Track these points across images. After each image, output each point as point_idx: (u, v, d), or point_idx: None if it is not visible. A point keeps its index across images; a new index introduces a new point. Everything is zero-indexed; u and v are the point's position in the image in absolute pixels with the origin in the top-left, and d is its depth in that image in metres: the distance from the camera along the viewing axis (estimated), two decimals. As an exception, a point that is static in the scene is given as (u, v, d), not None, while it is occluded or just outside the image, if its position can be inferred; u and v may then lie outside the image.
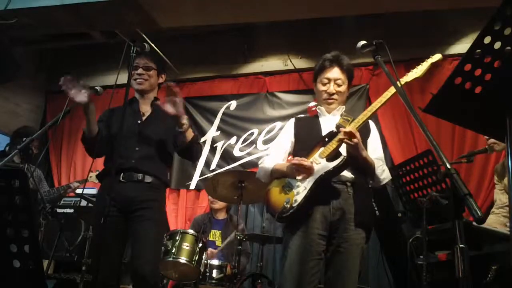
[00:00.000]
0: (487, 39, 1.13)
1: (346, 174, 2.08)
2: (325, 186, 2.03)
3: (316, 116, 2.33)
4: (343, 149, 2.08)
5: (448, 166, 1.14)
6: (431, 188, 2.41)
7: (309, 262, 1.99)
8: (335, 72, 2.24)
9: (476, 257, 2.04)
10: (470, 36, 4.35)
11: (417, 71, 2.09)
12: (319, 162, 2.05)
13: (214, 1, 3.97)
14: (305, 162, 2.04)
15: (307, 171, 2.04)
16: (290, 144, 2.31)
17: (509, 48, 1.13)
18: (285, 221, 2.11)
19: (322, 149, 2.08)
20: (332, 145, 2.05)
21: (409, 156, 2.75)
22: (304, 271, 1.98)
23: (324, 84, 2.25)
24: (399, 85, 1.66)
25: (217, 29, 5.18)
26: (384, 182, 2.18)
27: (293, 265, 2.00)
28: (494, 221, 2.70)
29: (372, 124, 2.30)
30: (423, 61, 2.15)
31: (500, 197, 2.83)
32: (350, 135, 1.98)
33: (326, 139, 2.09)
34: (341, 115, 2.22)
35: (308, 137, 2.23)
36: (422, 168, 2.47)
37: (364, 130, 2.16)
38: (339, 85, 2.24)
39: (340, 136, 2.01)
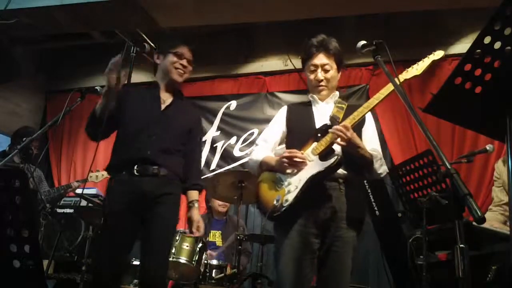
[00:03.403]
0: (487, 39, 1.13)
1: (339, 171, 2.01)
2: (316, 184, 1.97)
3: (309, 104, 2.25)
4: (337, 146, 2.00)
5: (448, 166, 1.15)
6: (431, 188, 2.41)
7: (304, 261, 1.97)
8: (321, 58, 2.14)
9: (476, 257, 2.05)
10: (470, 36, 4.35)
11: (418, 68, 2.00)
12: (312, 160, 1.99)
13: (214, 1, 3.97)
14: (298, 154, 1.98)
15: (299, 164, 1.99)
16: (280, 134, 2.24)
17: (509, 48, 1.13)
18: (275, 220, 2.07)
19: (315, 144, 2.02)
20: (325, 141, 1.98)
21: (409, 156, 2.74)
22: (300, 269, 1.95)
23: (312, 72, 2.17)
24: (399, 85, 1.66)
25: (217, 29, 5.18)
26: (382, 175, 2.12)
27: (288, 263, 1.97)
28: (492, 219, 2.70)
29: (367, 114, 2.18)
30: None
31: (498, 194, 2.84)
32: (343, 132, 1.91)
33: (319, 134, 2.02)
34: (335, 102, 2.17)
35: (300, 129, 2.16)
36: (422, 168, 2.47)
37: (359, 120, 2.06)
38: (327, 71, 2.15)
39: (332, 133, 1.94)
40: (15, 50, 4.77)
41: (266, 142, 2.25)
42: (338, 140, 1.92)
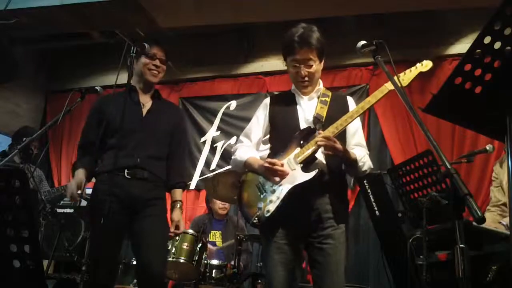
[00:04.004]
0: (487, 39, 1.13)
1: (321, 176, 2.00)
2: (300, 190, 1.97)
3: (293, 98, 2.20)
4: (319, 153, 2.01)
5: (448, 166, 1.14)
6: (431, 188, 2.41)
7: (291, 262, 1.98)
8: (303, 53, 2.08)
9: (476, 257, 2.04)
10: (470, 36, 4.34)
11: (404, 79, 1.95)
12: (294, 168, 1.99)
13: (214, 1, 3.98)
14: (277, 167, 1.97)
15: (280, 175, 1.98)
16: (264, 130, 2.22)
17: (509, 48, 1.13)
18: (257, 227, 2.09)
19: (298, 150, 2.01)
20: (308, 149, 1.98)
21: (409, 156, 2.74)
22: (288, 271, 1.96)
23: (294, 67, 2.13)
24: (399, 85, 1.65)
25: (217, 29, 5.18)
26: (367, 172, 2.12)
27: (277, 266, 1.97)
28: (490, 219, 2.70)
29: (351, 104, 2.16)
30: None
31: (496, 194, 2.84)
32: (325, 142, 1.91)
33: (302, 141, 2.02)
34: (319, 96, 2.15)
35: (284, 127, 2.13)
36: (422, 168, 2.47)
37: (342, 115, 2.02)
38: (310, 66, 2.10)
39: (315, 143, 1.95)
40: (15, 50, 4.76)
41: (250, 139, 2.23)
42: (321, 150, 1.95)
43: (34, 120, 5.84)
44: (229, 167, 4.93)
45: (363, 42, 1.82)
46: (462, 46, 4.35)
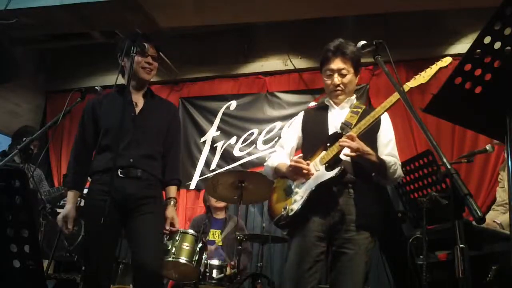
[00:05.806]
0: (487, 39, 1.13)
1: (348, 176, 2.02)
2: (323, 192, 1.99)
3: (326, 109, 2.25)
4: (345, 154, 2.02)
5: (448, 166, 1.15)
6: (431, 188, 2.41)
7: (306, 264, 1.98)
8: (338, 63, 2.13)
9: (476, 257, 2.05)
10: (470, 36, 4.35)
11: (424, 76, 1.99)
12: (318, 169, 2.02)
13: (214, 1, 3.98)
14: (302, 164, 2.01)
15: (305, 174, 2.01)
16: (296, 140, 2.27)
17: (509, 48, 1.13)
18: (281, 228, 2.14)
19: (323, 153, 2.04)
20: (332, 151, 2.00)
21: (409, 156, 2.74)
22: (302, 272, 1.97)
23: (328, 76, 2.17)
24: (399, 85, 1.66)
25: (217, 29, 5.18)
26: (398, 180, 2.15)
27: (292, 266, 2.01)
28: (493, 218, 2.71)
29: (384, 116, 2.14)
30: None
31: (501, 194, 2.86)
32: (349, 143, 1.92)
33: (328, 144, 2.04)
34: (350, 106, 2.17)
35: (313, 135, 2.19)
36: (422, 168, 2.47)
37: (373, 125, 2.05)
38: (343, 75, 2.14)
39: (339, 144, 1.97)
40: (15, 50, 4.76)
41: (283, 148, 2.29)
42: (347, 151, 1.94)
43: (34, 120, 5.84)
44: (229, 167, 4.95)
45: (363, 42, 1.83)
46: (462, 46, 4.34)
